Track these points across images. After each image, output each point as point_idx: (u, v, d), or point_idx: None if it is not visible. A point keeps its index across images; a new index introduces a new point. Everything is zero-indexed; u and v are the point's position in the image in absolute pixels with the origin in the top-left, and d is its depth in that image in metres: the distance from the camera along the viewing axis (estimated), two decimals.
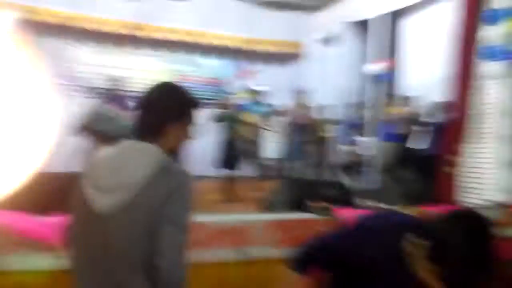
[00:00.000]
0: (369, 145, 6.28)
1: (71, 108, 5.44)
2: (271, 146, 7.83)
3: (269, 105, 6.11)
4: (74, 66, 7.77)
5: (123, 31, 7.68)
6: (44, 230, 2.07)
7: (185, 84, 6.51)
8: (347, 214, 2.96)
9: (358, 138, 6.52)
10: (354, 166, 6.41)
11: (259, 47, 8.45)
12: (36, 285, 1.99)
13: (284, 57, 8.99)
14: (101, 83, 7.67)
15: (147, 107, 1.29)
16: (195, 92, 6.06)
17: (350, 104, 7.00)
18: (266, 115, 6.00)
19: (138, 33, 7.78)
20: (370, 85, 6.65)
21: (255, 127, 5.62)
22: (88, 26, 7.49)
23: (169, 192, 1.13)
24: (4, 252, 1.99)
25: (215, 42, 8.18)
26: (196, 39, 8.10)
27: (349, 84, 7.33)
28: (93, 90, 7.62)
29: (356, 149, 6.45)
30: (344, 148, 6.83)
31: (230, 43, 8.26)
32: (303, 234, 2.64)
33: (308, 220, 2.79)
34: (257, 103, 5.85)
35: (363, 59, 7.43)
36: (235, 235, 2.48)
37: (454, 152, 3.60)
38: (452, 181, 3.59)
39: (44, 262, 2.01)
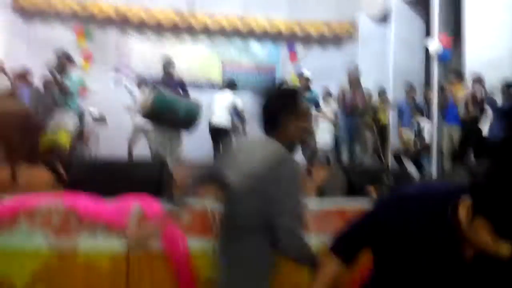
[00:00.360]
0: (434, 129, 5.89)
1: (130, 94, 5.71)
2: (326, 132, 7.66)
3: (314, 92, 5.87)
4: (131, 56, 8.16)
5: (176, 19, 7.85)
6: (111, 213, 2.16)
7: (237, 71, 6.62)
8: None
9: (422, 122, 6.11)
10: (418, 152, 6.06)
11: (312, 30, 8.23)
12: (103, 266, 2.09)
13: (339, 38, 8.69)
14: (156, 71, 7.99)
15: (265, 106, 1.58)
16: (246, 79, 6.12)
17: (412, 85, 6.59)
18: (315, 101, 5.79)
19: (190, 21, 7.91)
20: (432, 64, 6.20)
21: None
22: (143, 16, 7.73)
23: (282, 178, 1.44)
24: (74, 234, 2.11)
25: (267, 27, 8.09)
26: (248, 24, 8.07)
27: (409, 63, 6.93)
28: (148, 78, 7.92)
29: (420, 134, 6.07)
30: (407, 132, 6.48)
31: (282, 27, 8.14)
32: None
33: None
34: (307, 89, 5.63)
35: (423, 36, 6.97)
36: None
37: None
38: None
39: (111, 244, 2.10)
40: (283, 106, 1.55)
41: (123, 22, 7.82)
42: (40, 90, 6.82)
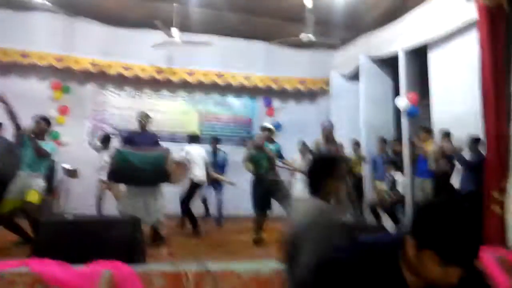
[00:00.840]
0: (406, 182, 6.05)
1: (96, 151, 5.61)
2: (300, 185, 7.70)
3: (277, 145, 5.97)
4: (108, 110, 8.16)
5: (155, 74, 8.02)
6: (80, 281, 2.05)
7: (215, 123, 6.69)
8: None
9: (396, 175, 6.28)
10: (393, 204, 6.14)
11: (287, 85, 8.59)
12: None
13: (313, 94, 9.05)
14: (134, 125, 8.00)
15: (309, 172, 1.97)
16: (224, 131, 6.19)
17: (384, 139, 6.83)
18: (279, 152, 5.86)
19: (169, 76, 8.10)
20: (402, 119, 6.49)
21: (280, 165, 5.54)
22: (121, 72, 7.85)
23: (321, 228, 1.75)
24: None
25: (244, 82, 8.39)
26: (225, 79, 8.34)
27: (379, 118, 7.22)
28: (123, 131, 7.93)
29: (394, 186, 6.21)
30: (382, 185, 6.62)
31: (259, 83, 8.45)
32: None
33: None
34: (270, 141, 5.73)
35: (391, 92, 7.34)
36: (263, 285, 2.36)
37: (500, 190, 3.39)
38: (501, 221, 3.34)
39: None
40: (325, 171, 1.90)
41: (101, 76, 7.91)
42: (11, 144, 6.66)
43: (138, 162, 4.19)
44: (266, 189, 5.00)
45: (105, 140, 6.46)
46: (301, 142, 7.62)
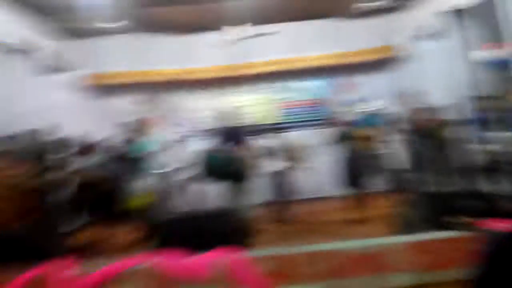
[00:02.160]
0: (505, 140, 5.50)
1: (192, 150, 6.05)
2: (394, 157, 7.42)
3: (378, 116, 5.83)
4: (189, 113, 8.73)
5: (231, 73, 8.34)
6: (199, 269, 2.28)
7: (293, 109, 6.75)
8: (494, 226, 2.62)
9: (490, 135, 5.73)
10: (492, 168, 5.63)
11: (356, 59, 8.28)
12: None
13: (383, 63, 8.63)
14: (214, 125, 8.50)
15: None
16: (302, 115, 6.24)
17: (468, 98, 6.28)
18: (379, 126, 5.71)
19: (245, 72, 8.36)
20: (485, 74, 5.89)
21: (372, 140, 5.39)
22: (201, 76, 8.32)
23: None
24: None
25: (312, 64, 8.31)
26: (299, 65, 8.35)
27: (460, 77, 6.63)
28: (209, 132, 8.43)
29: (491, 148, 5.68)
30: (477, 148, 6.08)
31: (333, 61, 8.31)
32: (447, 255, 2.42)
33: (450, 239, 2.54)
34: (368, 115, 5.63)
35: (469, 48, 6.69)
36: (372, 261, 2.38)
37: None
38: None
39: None
40: None
41: (183, 83, 8.47)
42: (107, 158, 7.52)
43: (219, 164, 4.47)
44: (359, 166, 4.93)
45: (182, 141, 6.97)
46: (389, 115, 7.40)
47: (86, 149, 5.98)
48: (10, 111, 5.65)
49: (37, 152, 5.30)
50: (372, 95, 8.41)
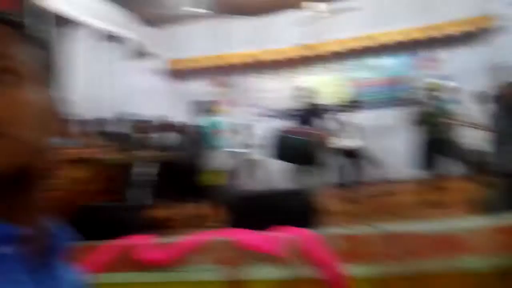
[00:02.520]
0: None
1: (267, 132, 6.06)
2: (476, 139, 6.75)
3: (459, 95, 5.30)
4: (266, 94, 8.75)
5: (304, 53, 8.16)
6: (271, 245, 2.28)
7: (368, 88, 6.40)
8: None
9: None
10: None
11: (449, 31, 7.51)
12: None
13: (484, 34, 7.73)
14: (290, 105, 8.44)
15: None
16: (379, 94, 5.87)
17: None
18: (460, 107, 5.22)
19: (318, 52, 8.12)
20: None
21: (452, 121, 4.92)
22: (274, 57, 8.28)
23: None
24: (241, 265, 2.28)
25: (398, 38, 7.73)
26: (377, 40, 7.85)
27: None
28: (284, 112, 8.41)
29: None
30: None
31: (416, 35, 7.67)
32: None
33: None
34: (450, 95, 5.15)
35: None
36: (450, 243, 2.18)
37: None
38: None
39: (272, 272, 2.20)
40: None
41: (258, 65, 8.51)
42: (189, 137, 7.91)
43: (292, 146, 4.37)
44: (438, 148, 4.56)
45: (255, 121, 7.05)
46: (476, 92, 6.71)
47: (165, 129, 6.35)
48: (100, 94, 6.16)
49: (122, 133, 5.74)
50: (457, 73, 7.63)
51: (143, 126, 5.80)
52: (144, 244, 2.54)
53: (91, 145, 4.85)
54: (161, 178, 5.15)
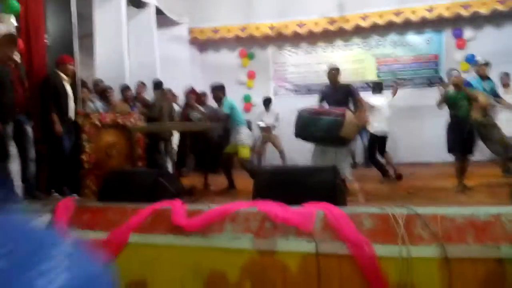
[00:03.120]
0: None
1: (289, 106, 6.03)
2: (508, 122, 6.60)
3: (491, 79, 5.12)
4: (287, 68, 8.66)
5: (327, 27, 7.98)
6: (299, 219, 2.37)
7: (394, 66, 6.25)
8: None
9: None
10: None
11: (480, 8, 7.21)
12: (296, 265, 2.30)
13: (502, 16, 7.41)
14: (311, 80, 8.36)
15: None
16: (405, 73, 5.78)
17: None
18: (494, 91, 5.07)
19: (342, 25, 7.92)
20: None
21: (483, 105, 4.75)
22: (296, 30, 8.12)
23: None
24: (270, 236, 2.38)
25: (426, 14, 7.47)
26: (404, 16, 7.59)
27: None
28: (310, 90, 8.37)
29: None
30: None
31: (444, 12, 7.37)
32: None
33: None
34: (486, 78, 4.97)
35: None
36: (486, 230, 2.22)
37: None
38: None
39: (302, 245, 2.30)
40: None
41: (279, 38, 8.37)
42: (214, 108, 7.96)
43: (314, 127, 4.28)
44: (467, 133, 4.46)
45: (266, 102, 7.25)
46: (503, 75, 6.53)
47: (194, 99, 6.40)
48: (126, 62, 6.21)
49: (150, 102, 5.84)
50: (484, 54, 7.35)
51: (169, 96, 5.86)
52: (178, 209, 2.68)
53: (125, 112, 4.97)
54: (189, 149, 5.27)
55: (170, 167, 5.15)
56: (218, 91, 5.05)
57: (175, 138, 6.48)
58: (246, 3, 8.18)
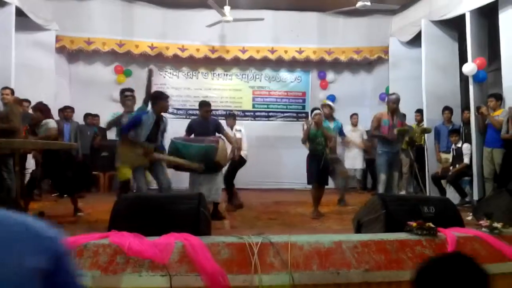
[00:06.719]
0: (474, 151, 5.72)
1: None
2: (355, 158, 7.63)
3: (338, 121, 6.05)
4: (166, 89, 8.48)
5: (209, 53, 8.14)
6: (154, 251, 2.24)
7: (268, 99, 6.76)
8: (457, 234, 2.74)
9: (460, 145, 6.04)
10: (458, 175, 5.96)
11: (341, 56, 8.28)
12: None
13: (369, 63, 8.71)
14: (190, 103, 8.35)
15: None
16: (277, 106, 6.29)
17: (448, 107, 6.51)
18: (339, 129, 5.98)
19: (223, 54, 8.16)
20: (468, 86, 6.06)
21: (333, 141, 5.49)
22: (177, 53, 8.07)
23: None
24: (119, 271, 2.19)
25: (296, 55, 8.23)
26: (278, 55, 8.21)
27: (443, 85, 6.78)
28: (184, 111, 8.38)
29: (459, 156, 6.00)
30: (444, 156, 6.39)
31: (311, 55, 8.23)
32: (403, 255, 2.50)
33: (407, 240, 2.63)
34: (331, 118, 5.89)
35: (456, 58, 6.83)
36: (328, 256, 2.43)
37: None
38: None
39: (153, 281, 2.17)
40: None
41: (160, 58, 8.19)
42: (80, 124, 7.28)
43: (188, 154, 4.39)
44: (322, 166, 5.00)
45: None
46: (353, 114, 7.71)
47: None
48: None
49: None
50: (348, 95, 8.48)
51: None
52: None
53: None
54: (41, 169, 4.66)
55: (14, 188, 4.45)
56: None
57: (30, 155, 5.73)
58: (126, 18, 7.78)
